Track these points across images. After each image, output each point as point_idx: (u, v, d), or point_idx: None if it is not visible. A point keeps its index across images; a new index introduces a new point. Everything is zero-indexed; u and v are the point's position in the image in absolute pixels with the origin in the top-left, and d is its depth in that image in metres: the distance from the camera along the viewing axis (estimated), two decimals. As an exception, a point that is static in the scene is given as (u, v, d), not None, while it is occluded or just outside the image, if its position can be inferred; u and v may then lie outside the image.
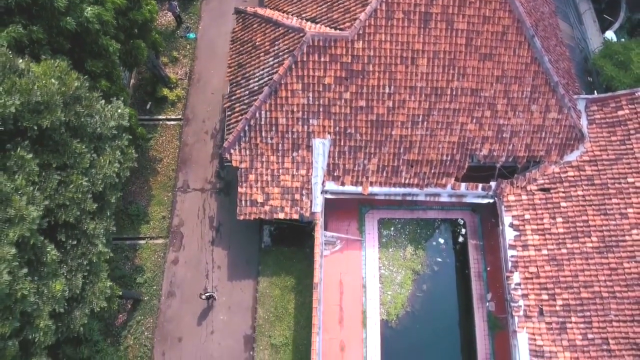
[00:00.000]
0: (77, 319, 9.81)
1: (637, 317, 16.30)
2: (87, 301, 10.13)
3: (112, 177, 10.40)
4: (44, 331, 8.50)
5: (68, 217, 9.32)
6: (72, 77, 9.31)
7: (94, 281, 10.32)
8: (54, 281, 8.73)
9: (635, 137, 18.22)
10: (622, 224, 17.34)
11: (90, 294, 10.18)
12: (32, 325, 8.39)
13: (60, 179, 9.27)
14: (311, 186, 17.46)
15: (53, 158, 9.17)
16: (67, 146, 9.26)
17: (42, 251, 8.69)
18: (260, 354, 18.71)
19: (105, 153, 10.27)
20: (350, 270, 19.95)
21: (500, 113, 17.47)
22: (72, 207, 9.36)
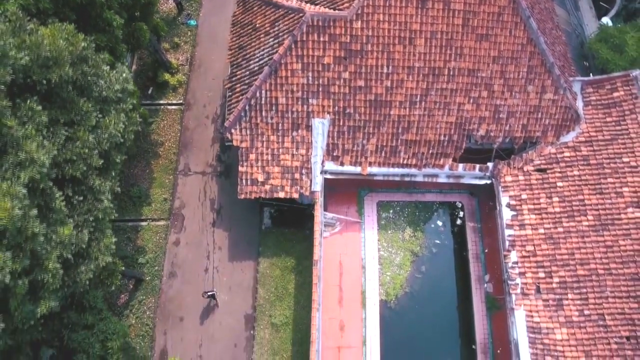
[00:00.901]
0: (83, 274, 10.07)
1: (632, 293, 16.51)
2: (92, 257, 10.39)
3: (117, 136, 10.69)
4: (52, 273, 8.76)
5: (75, 171, 9.58)
6: (79, 38, 9.61)
7: (99, 238, 10.60)
8: (62, 227, 9.01)
9: (630, 118, 18.47)
10: (618, 202, 17.58)
11: (96, 250, 10.45)
12: (41, 266, 8.65)
13: (67, 135, 9.56)
14: (311, 165, 17.71)
15: (61, 114, 9.45)
16: (74, 104, 9.57)
17: (51, 197, 8.98)
18: (260, 333, 18.93)
19: (111, 115, 10.56)
20: (350, 252, 20.18)
21: (497, 93, 17.73)
22: (79, 162, 9.64)
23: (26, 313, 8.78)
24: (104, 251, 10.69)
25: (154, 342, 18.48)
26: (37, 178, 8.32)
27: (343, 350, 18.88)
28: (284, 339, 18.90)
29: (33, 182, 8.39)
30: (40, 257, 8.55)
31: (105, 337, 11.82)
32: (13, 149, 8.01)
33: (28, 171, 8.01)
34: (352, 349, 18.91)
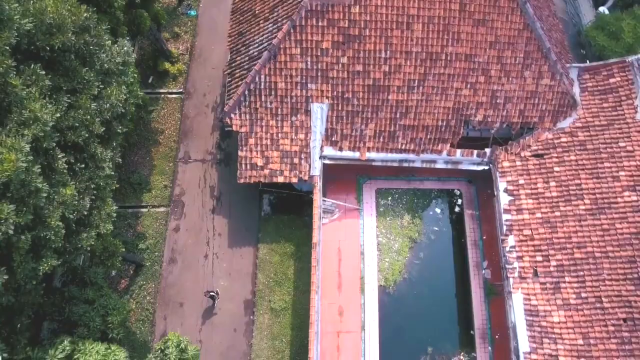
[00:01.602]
0: (84, 240, 10.24)
1: (629, 275, 16.62)
2: (93, 225, 10.56)
3: (118, 106, 10.87)
4: (55, 231, 8.93)
5: (77, 138, 9.77)
6: (81, 9, 9.79)
7: (100, 206, 10.76)
8: (65, 188, 9.18)
9: (626, 104, 18.63)
10: (614, 186, 17.71)
11: (97, 218, 10.62)
12: (44, 224, 8.82)
13: (69, 102, 9.74)
14: (310, 150, 17.87)
15: (63, 82, 9.64)
16: (76, 72, 9.76)
17: (54, 158, 9.15)
18: (260, 318, 19.05)
19: (112, 86, 10.73)
20: (349, 238, 20.31)
21: (494, 79, 17.90)
22: (81, 129, 9.81)
23: (29, 271, 8.94)
24: (105, 219, 10.87)
25: (154, 326, 18.59)
26: (41, 136, 8.50)
27: (342, 335, 18.99)
28: (283, 323, 19.01)
29: (36, 141, 8.58)
30: (43, 214, 8.73)
31: (106, 312, 11.96)
32: (17, 108, 8.20)
33: (32, 129, 8.20)
34: (351, 333, 19.01)
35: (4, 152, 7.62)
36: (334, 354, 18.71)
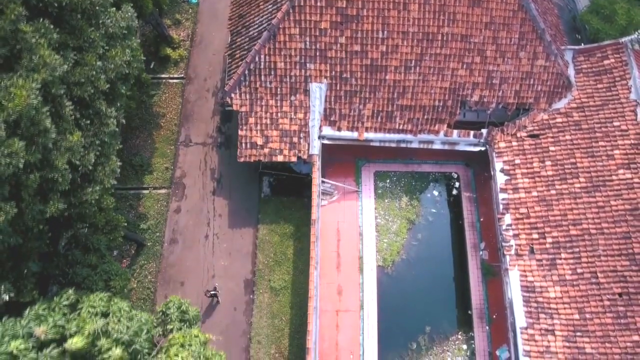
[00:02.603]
0: (89, 195, 10.53)
1: (624, 251, 16.84)
2: (98, 180, 10.85)
3: (122, 67, 11.19)
4: (62, 173, 9.20)
5: (83, 93, 10.08)
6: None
7: (105, 162, 11.06)
8: (71, 135, 9.48)
9: (620, 84, 18.91)
10: (609, 164, 17.96)
11: (102, 174, 10.91)
12: (51, 166, 9.10)
13: (76, 59, 10.06)
14: (309, 129, 18.16)
15: (70, 39, 9.96)
16: (82, 31, 10.08)
17: (61, 105, 9.45)
18: (260, 297, 19.26)
19: (117, 48, 11.06)
20: (347, 219, 20.56)
21: (489, 59, 18.20)
22: (87, 85, 10.13)
23: (36, 212, 9.23)
24: (109, 174, 11.17)
25: (155, 305, 18.78)
26: (50, 81, 8.80)
27: (341, 313, 19.19)
28: (282, 302, 19.23)
29: (45, 87, 8.89)
30: (51, 157, 9.01)
31: (109, 277, 12.22)
32: (27, 54, 8.51)
33: (41, 73, 8.49)
34: (350, 312, 19.22)
35: (16, 90, 7.94)
36: (333, 332, 18.91)
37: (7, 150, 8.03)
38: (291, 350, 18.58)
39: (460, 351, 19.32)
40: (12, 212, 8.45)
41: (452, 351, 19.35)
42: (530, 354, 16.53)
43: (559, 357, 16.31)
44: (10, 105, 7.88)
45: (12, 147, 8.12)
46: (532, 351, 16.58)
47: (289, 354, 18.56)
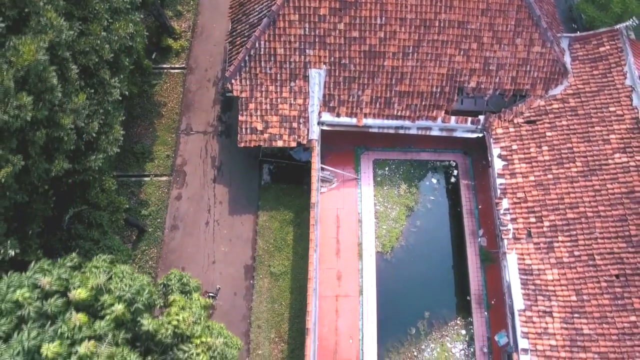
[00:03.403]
0: (93, 162, 10.76)
1: (620, 233, 16.99)
2: (102, 148, 11.08)
3: (126, 39, 11.45)
4: (67, 132, 9.44)
5: (88, 62, 10.33)
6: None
7: (108, 131, 11.29)
8: (77, 96, 9.71)
9: (616, 70, 19.14)
10: (605, 149, 18.16)
11: (105, 143, 11.14)
12: (57, 125, 9.33)
13: (81, 29, 10.32)
14: (308, 115, 18.40)
15: (76, 10, 10.22)
16: (88, 2, 10.35)
17: (67, 68, 9.69)
18: (260, 282, 19.42)
19: (120, 21, 11.32)
20: (347, 206, 20.75)
21: (486, 46, 18.45)
22: (92, 54, 10.40)
23: (42, 171, 9.44)
24: (113, 142, 11.40)
25: (156, 290, 18.95)
26: (57, 42, 9.05)
27: (340, 298, 19.33)
28: (282, 287, 19.37)
29: (52, 49, 9.14)
30: (57, 117, 9.25)
31: (110, 252, 12.40)
32: (35, 17, 8.76)
33: (49, 34, 8.74)
34: (350, 297, 19.36)
35: (24, 47, 8.20)
36: (333, 317, 19.04)
37: (16, 102, 8.27)
38: (291, 335, 18.70)
39: (459, 336, 19.42)
40: (19, 164, 8.68)
41: (451, 336, 19.45)
42: (529, 336, 16.64)
43: (556, 338, 16.43)
44: (19, 60, 8.16)
45: (20, 100, 8.37)
46: (530, 333, 16.70)
47: (288, 338, 18.68)
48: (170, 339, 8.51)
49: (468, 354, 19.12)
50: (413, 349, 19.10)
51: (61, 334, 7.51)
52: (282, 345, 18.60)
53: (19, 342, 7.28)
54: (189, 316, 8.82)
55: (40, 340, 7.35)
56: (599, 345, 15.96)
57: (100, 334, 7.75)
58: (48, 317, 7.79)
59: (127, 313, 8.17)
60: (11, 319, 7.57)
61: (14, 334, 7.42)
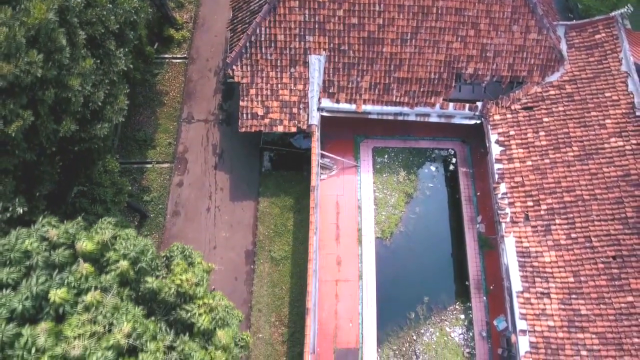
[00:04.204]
0: (98, 130, 11.00)
1: (617, 215, 17.19)
2: (107, 118, 11.32)
3: (130, 12, 11.72)
4: (75, 94, 9.67)
5: (94, 32, 10.61)
6: None
7: (113, 102, 11.53)
8: (84, 61, 9.97)
9: (611, 57, 19.42)
10: (601, 133, 18.40)
11: (110, 113, 11.38)
12: (65, 86, 9.57)
13: (87, 0, 10.61)
14: (308, 100, 18.66)
15: None
16: None
17: (75, 34, 9.95)
18: (260, 267, 19.60)
19: None
20: (346, 193, 20.98)
21: (483, 32, 18.73)
22: (98, 25, 10.67)
23: (50, 132, 9.68)
24: (117, 112, 11.65)
25: (158, 274, 19.13)
26: (65, 6, 9.31)
27: (340, 283, 19.51)
28: (283, 272, 19.55)
29: (61, 14, 9.39)
30: (65, 78, 9.50)
31: (113, 227, 12.64)
32: None
33: None
34: (349, 282, 19.54)
35: (35, 7, 8.46)
36: (333, 301, 19.21)
37: (27, 58, 8.54)
38: (291, 318, 18.86)
39: (458, 321, 19.58)
40: (29, 119, 8.94)
41: (450, 321, 19.61)
42: (527, 317, 16.80)
43: (554, 319, 16.59)
44: (30, 20, 8.43)
45: (31, 57, 8.65)
46: (528, 314, 16.86)
47: (289, 321, 18.84)
48: (174, 298, 8.71)
49: (467, 338, 19.27)
50: (412, 333, 19.25)
51: (68, 284, 7.72)
52: (283, 329, 18.76)
53: (27, 287, 7.49)
54: (192, 277, 9.03)
55: (48, 287, 7.56)
56: (596, 325, 16.12)
57: (105, 286, 7.96)
58: (55, 267, 8.00)
59: (131, 271, 8.38)
60: (20, 268, 7.78)
61: (22, 282, 7.63)
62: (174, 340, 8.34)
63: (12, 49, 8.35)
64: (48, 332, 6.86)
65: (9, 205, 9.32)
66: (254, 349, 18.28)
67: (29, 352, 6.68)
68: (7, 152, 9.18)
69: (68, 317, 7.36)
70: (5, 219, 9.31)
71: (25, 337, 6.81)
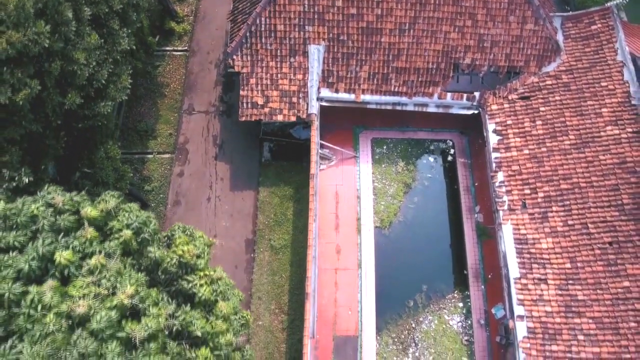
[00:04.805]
0: (102, 108, 11.22)
1: (613, 202, 17.38)
2: (110, 96, 11.54)
3: None
4: (80, 67, 9.89)
5: (98, 11, 10.85)
6: None
7: (116, 81, 11.75)
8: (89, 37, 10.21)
9: (607, 47, 19.65)
10: (597, 122, 18.61)
11: (114, 91, 11.61)
12: (71, 59, 9.79)
13: None
14: (307, 90, 18.88)
15: None
16: None
17: (81, 10, 10.19)
18: (260, 255, 19.78)
19: None
20: (346, 183, 21.17)
21: (480, 23, 18.97)
22: (102, 4, 10.91)
23: (56, 103, 9.90)
24: (121, 90, 11.88)
25: (159, 263, 19.30)
26: None
27: (339, 271, 19.67)
28: (282, 260, 19.72)
29: None
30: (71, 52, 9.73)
31: (116, 209, 12.82)
32: None
33: None
34: (349, 270, 19.70)
35: None
36: (332, 289, 19.36)
37: (35, 29, 8.77)
38: (291, 306, 19.02)
39: (457, 309, 19.73)
40: (36, 88, 9.16)
41: (448, 309, 19.76)
42: (524, 303, 16.96)
43: (551, 304, 16.75)
44: None
45: (39, 27, 8.87)
46: (526, 300, 17.02)
47: (288, 309, 19.00)
48: (175, 268, 8.88)
49: (465, 326, 19.41)
50: (411, 321, 19.40)
51: (73, 247, 7.90)
52: (282, 316, 18.91)
53: (33, 249, 7.67)
54: (193, 249, 9.21)
55: (54, 248, 7.75)
56: (593, 310, 16.28)
57: (109, 252, 8.14)
58: (60, 232, 8.18)
59: (134, 242, 8.55)
60: (26, 232, 7.97)
61: (28, 245, 7.81)
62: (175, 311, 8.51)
63: (21, 19, 8.59)
64: (54, 290, 7.05)
65: (15, 175, 9.56)
66: (254, 336, 18.44)
67: (35, 309, 6.89)
68: (14, 123, 9.43)
69: (73, 279, 7.55)
70: (11, 188, 9.54)
71: (31, 294, 7.00)
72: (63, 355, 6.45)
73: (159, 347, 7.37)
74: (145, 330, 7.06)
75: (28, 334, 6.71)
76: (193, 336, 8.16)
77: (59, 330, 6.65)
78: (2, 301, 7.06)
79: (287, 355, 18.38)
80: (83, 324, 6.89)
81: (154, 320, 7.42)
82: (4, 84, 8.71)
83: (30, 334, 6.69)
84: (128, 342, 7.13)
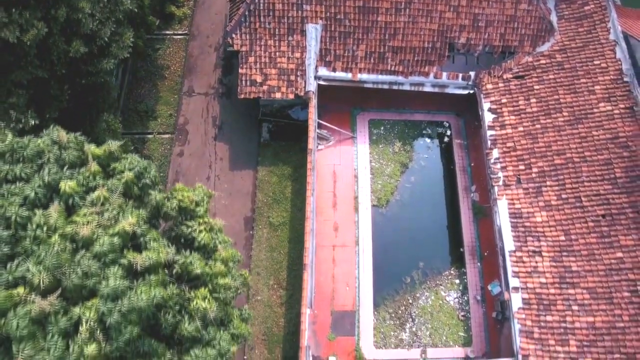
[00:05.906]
0: (105, 64, 11.51)
1: (606, 176, 17.65)
2: (112, 54, 11.83)
3: None
4: (85, 16, 10.19)
5: None
6: None
7: (119, 40, 12.05)
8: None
9: (600, 27, 20.00)
10: (590, 99, 18.93)
11: (116, 49, 11.91)
12: (76, 8, 10.08)
13: None
14: (305, 68, 19.19)
15: None
16: None
17: None
18: (259, 232, 20.03)
19: None
20: (343, 163, 21.45)
21: (474, 2, 19.32)
22: None
23: (61, 50, 10.19)
24: (123, 48, 12.18)
25: (159, 240, 19.54)
26: None
27: (337, 248, 19.92)
28: (281, 237, 19.97)
29: None
30: (76, 1, 10.01)
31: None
32: None
33: None
34: (346, 247, 19.95)
35: None
36: (330, 265, 19.60)
37: None
38: (289, 281, 19.25)
39: (453, 285, 19.95)
40: (42, 30, 9.46)
41: (445, 285, 19.98)
42: (519, 275, 17.20)
43: (546, 276, 16.98)
44: None
45: None
46: (521, 272, 17.26)
47: (287, 284, 19.22)
48: (175, 213, 9.14)
49: (462, 302, 19.63)
50: (408, 297, 19.61)
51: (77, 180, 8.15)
52: (281, 292, 19.14)
53: (40, 177, 7.93)
54: (193, 195, 9.46)
55: (59, 178, 8.01)
56: (587, 281, 16.51)
57: (112, 189, 8.40)
58: (65, 165, 8.44)
59: (135, 186, 8.81)
60: (32, 165, 8.23)
61: (34, 176, 8.07)
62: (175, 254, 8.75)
63: None
64: (59, 213, 7.31)
65: (21, 117, 9.84)
66: (252, 310, 18.63)
67: (41, 230, 7.13)
68: (21, 67, 9.72)
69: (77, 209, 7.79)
70: (18, 129, 9.82)
71: (37, 216, 7.25)
72: (67, 272, 6.70)
73: (159, 280, 7.61)
74: (146, 260, 7.31)
75: (34, 255, 6.96)
76: (192, 277, 8.39)
77: (64, 251, 6.90)
78: (9, 223, 7.31)
79: (286, 329, 18.60)
80: (87, 247, 7.13)
81: (155, 253, 7.67)
82: (12, 23, 9.00)
83: (36, 254, 6.93)
84: (130, 270, 7.37)
